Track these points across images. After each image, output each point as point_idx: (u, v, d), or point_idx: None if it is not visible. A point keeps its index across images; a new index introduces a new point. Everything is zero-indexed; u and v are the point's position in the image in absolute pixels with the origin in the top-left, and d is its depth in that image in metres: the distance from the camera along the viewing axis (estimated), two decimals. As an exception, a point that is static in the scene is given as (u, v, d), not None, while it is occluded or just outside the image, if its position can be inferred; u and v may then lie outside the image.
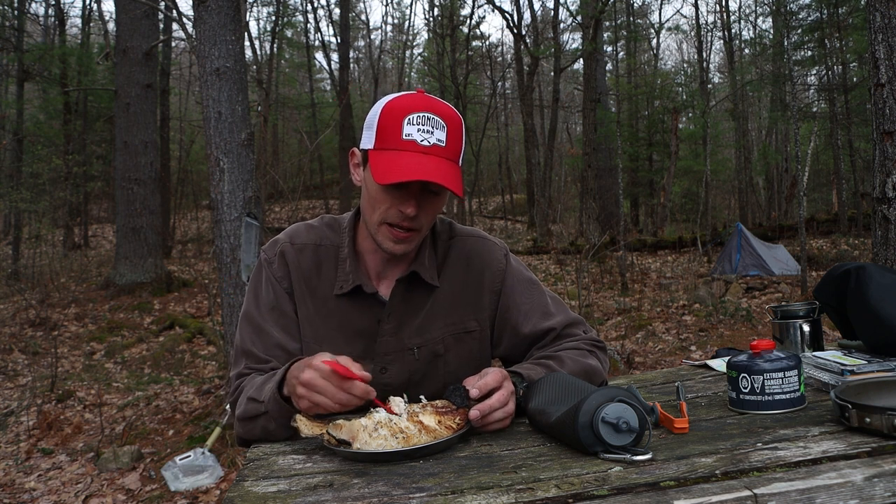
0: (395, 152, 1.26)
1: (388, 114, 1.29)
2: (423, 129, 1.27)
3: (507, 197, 25.19)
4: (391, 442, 1.07)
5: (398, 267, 1.42)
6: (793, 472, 0.90)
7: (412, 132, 1.27)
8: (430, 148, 1.27)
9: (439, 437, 1.09)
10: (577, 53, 20.06)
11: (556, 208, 21.51)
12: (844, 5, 14.46)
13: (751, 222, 17.67)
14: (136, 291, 10.19)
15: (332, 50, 23.13)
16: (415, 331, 1.41)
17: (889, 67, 2.20)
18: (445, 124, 1.29)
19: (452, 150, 1.30)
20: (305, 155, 16.38)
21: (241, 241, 4.46)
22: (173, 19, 11.68)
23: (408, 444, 1.07)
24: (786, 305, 1.66)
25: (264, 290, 1.42)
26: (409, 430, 1.09)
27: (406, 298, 1.40)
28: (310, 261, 1.42)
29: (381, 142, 1.29)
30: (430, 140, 1.27)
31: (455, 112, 1.33)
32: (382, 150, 1.28)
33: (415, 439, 1.08)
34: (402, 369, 1.41)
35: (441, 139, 1.28)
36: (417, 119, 1.28)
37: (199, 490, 3.91)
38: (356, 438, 1.08)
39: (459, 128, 1.32)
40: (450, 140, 1.29)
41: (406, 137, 1.26)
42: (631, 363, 5.93)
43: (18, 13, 14.57)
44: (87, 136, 15.37)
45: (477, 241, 1.49)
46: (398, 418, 1.13)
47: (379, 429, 1.09)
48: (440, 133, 1.28)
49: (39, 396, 5.96)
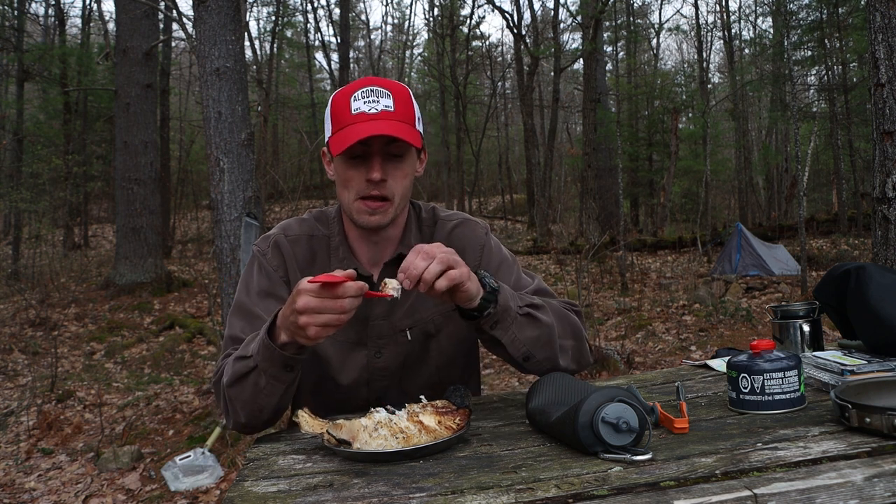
0: (348, 127, 1.30)
1: (336, 101, 1.35)
2: (368, 100, 1.32)
3: (507, 197, 25.20)
4: (391, 442, 1.08)
5: (386, 251, 1.44)
6: (793, 472, 0.90)
7: (359, 106, 1.31)
8: (379, 114, 1.31)
9: (439, 437, 1.09)
10: (577, 53, 20.06)
11: (556, 208, 21.51)
12: (844, 5, 14.46)
13: (751, 222, 17.67)
14: (136, 291, 10.20)
15: (332, 50, 23.14)
16: (406, 312, 1.43)
17: (889, 67, 2.20)
18: (391, 93, 1.34)
19: (402, 113, 1.33)
20: (305, 155, 16.38)
21: (241, 241, 4.45)
22: (173, 19, 11.68)
23: (408, 443, 1.07)
24: (786, 305, 1.66)
25: (256, 278, 1.43)
26: (410, 430, 1.10)
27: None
28: (304, 251, 1.44)
29: (335, 124, 1.34)
30: (378, 108, 1.31)
31: (400, 84, 1.37)
32: (338, 130, 1.32)
33: (415, 439, 1.08)
34: (397, 352, 1.43)
35: (388, 105, 1.32)
36: (362, 94, 1.32)
37: (199, 490, 3.91)
38: (356, 438, 1.08)
39: (407, 96, 1.36)
40: (398, 105, 1.33)
41: (355, 112, 1.31)
42: (631, 363, 5.93)
43: (18, 13, 14.58)
44: (87, 136, 15.37)
45: (461, 221, 1.52)
46: (398, 418, 1.13)
47: (379, 429, 1.09)
48: (386, 100, 1.32)
49: (39, 396, 5.96)
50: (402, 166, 1.36)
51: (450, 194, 19.74)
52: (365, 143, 1.30)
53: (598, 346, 6.14)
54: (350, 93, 1.33)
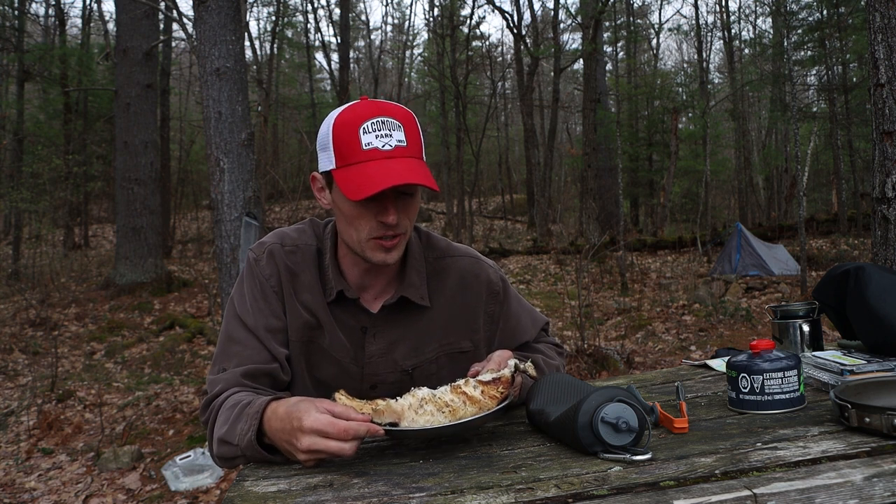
0: (361, 165, 1.23)
1: (340, 128, 1.26)
2: (380, 134, 1.24)
3: (507, 197, 25.18)
4: (438, 417, 1.07)
5: (378, 279, 1.39)
6: (792, 471, 0.90)
7: (371, 140, 1.23)
8: (394, 151, 1.24)
9: (484, 407, 1.08)
10: (577, 54, 20.05)
11: (556, 208, 21.50)
12: (844, 5, 14.46)
13: (750, 222, 17.67)
14: (137, 291, 10.20)
15: (332, 50, 23.12)
16: (410, 352, 1.39)
17: (889, 67, 2.20)
18: (401, 124, 1.27)
19: (414, 147, 1.28)
20: (305, 155, 16.39)
21: (241, 241, 4.46)
22: (173, 19, 11.69)
23: (455, 416, 1.07)
24: (785, 305, 1.65)
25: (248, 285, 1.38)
26: (455, 402, 1.09)
27: (394, 321, 1.38)
28: (298, 263, 1.39)
29: (342, 159, 1.25)
30: (391, 143, 1.24)
31: (405, 109, 1.31)
32: (346, 166, 1.24)
33: (461, 411, 1.08)
34: (392, 388, 1.40)
35: (401, 139, 1.26)
36: (372, 126, 1.24)
37: (199, 490, 3.91)
38: (403, 417, 1.07)
39: (414, 124, 1.30)
40: (409, 138, 1.27)
41: (367, 147, 1.23)
42: (631, 363, 5.93)
43: (18, 13, 14.57)
44: (87, 136, 15.36)
45: (471, 262, 1.47)
46: (442, 392, 1.12)
47: (424, 405, 1.09)
48: (399, 134, 1.26)
49: (40, 396, 5.96)
50: (412, 202, 1.31)
51: (450, 194, 19.73)
52: None
53: (597, 346, 6.14)
54: (357, 122, 1.24)
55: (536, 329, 1.55)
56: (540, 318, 1.58)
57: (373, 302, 1.39)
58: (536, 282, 11.60)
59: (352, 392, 1.41)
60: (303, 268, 1.38)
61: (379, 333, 1.37)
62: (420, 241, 1.45)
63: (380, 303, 1.38)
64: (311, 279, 1.38)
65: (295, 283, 1.37)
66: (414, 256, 1.42)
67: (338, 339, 1.37)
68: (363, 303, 1.38)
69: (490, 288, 1.46)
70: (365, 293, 1.39)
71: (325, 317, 1.36)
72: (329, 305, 1.37)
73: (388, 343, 1.38)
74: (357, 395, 1.40)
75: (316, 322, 1.36)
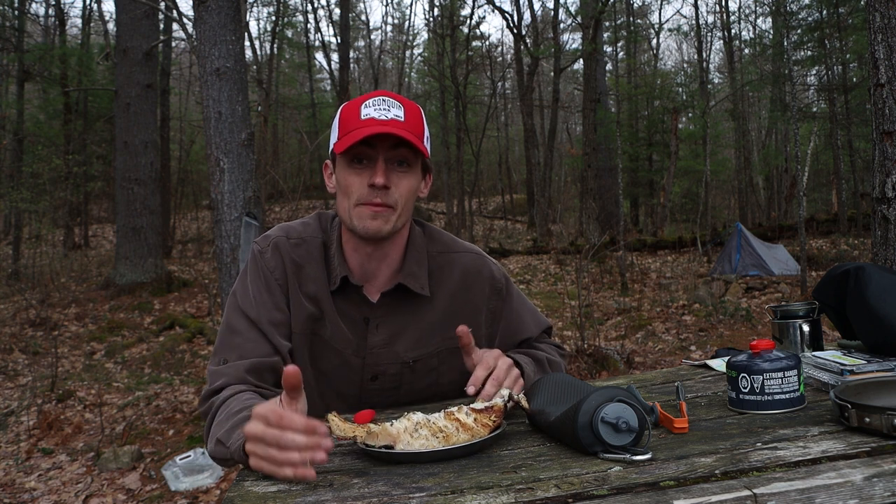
0: (355, 130, 1.27)
1: (345, 109, 1.33)
2: (379, 108, 1.29)
3: (507, 197, 25.19)
4: (433, 441, 1.08)
5: (381, 269, 1.39)
6: (792, 471, 0.90)
7: (370, 112, 1.29)
8: (389, 121, 1.28)
9: (476, 434, 1.10)
10: (577, 54, 20.05)
11: (556, 208, 21.50)
12: (844, 5, 14.46)
13: (750, 222, 17.67)
14: (137, 291, 10.20)
15: (332, 50, 23.11)
16: (412, 344, 1.39)
17: (889, 67, 2.20)
18: (402, 105, 1.31)
19: (412, 125, 1.30)
20: (305, 155, 16.39)
21: (241, 241, 4.45)
22: (173, 19, 11.69)
23: (448, 442, 1.08)
24: (785, 305, 1.65)
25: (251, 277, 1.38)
26: (448, 428, 1.10)
27: (395, 311, 1.38)
28: (303, 255, 1.40)
29: (341, 130, 1.31)
30: (388, 115, 1.28)
31: (412, 102, 1.35)
32: (344, 135, 1.30)
33: (454, 437, 1.09)
34: (393, 379, 1.40)
35: (399, 115, 1.29)
36: (373, 102, 1.30)
37: (199, 490, 3.91)
38: (398, 440, 1.08)
39: (419, 113, 1.33)
40: (409, 117, 1.30)
41: (364, 117, 1.28)
42: (631, 363, 5.93)
43: (18, 13, 14.58)
44: (87, 136, 15.36)
45: (475, 259, 1.48)
46: (436, 417, 1.13)
47: (419, 429, 1.10)
48: (397, 110, 1.30)
49: (39, 396, 5.96)
50: (407, 175, 1.31)
51: (450, 194, 19.74)
52: (370, 145, 1.28)
53: (597, 346, 6.14)
54: (361, 101, 1.31)
55: (539, 329, 1.55)
56: (544, 320, 1.57)
57: (375, 293, 1.40)
58: (536, 282, 11.60)
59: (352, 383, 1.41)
60: (308, 260, 1.39)
61: (381, 324, 1.38)
62: (424, 235, 1.46)
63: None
64: (316, 271, 1.38)
65: (300, 276, 1.38)
66: (416, 248, 1.42)
67: (340, 330, 1.37)
68: (366, 293, 1.38)
69: (493, 284, 1.47)
70: (368, 284, 1.39)
71: (328, 307, 1.37)
72: (333, 296, 1.37)
73: (389, 334, 1.38)
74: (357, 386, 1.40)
75: (319, 313, 1.37)
